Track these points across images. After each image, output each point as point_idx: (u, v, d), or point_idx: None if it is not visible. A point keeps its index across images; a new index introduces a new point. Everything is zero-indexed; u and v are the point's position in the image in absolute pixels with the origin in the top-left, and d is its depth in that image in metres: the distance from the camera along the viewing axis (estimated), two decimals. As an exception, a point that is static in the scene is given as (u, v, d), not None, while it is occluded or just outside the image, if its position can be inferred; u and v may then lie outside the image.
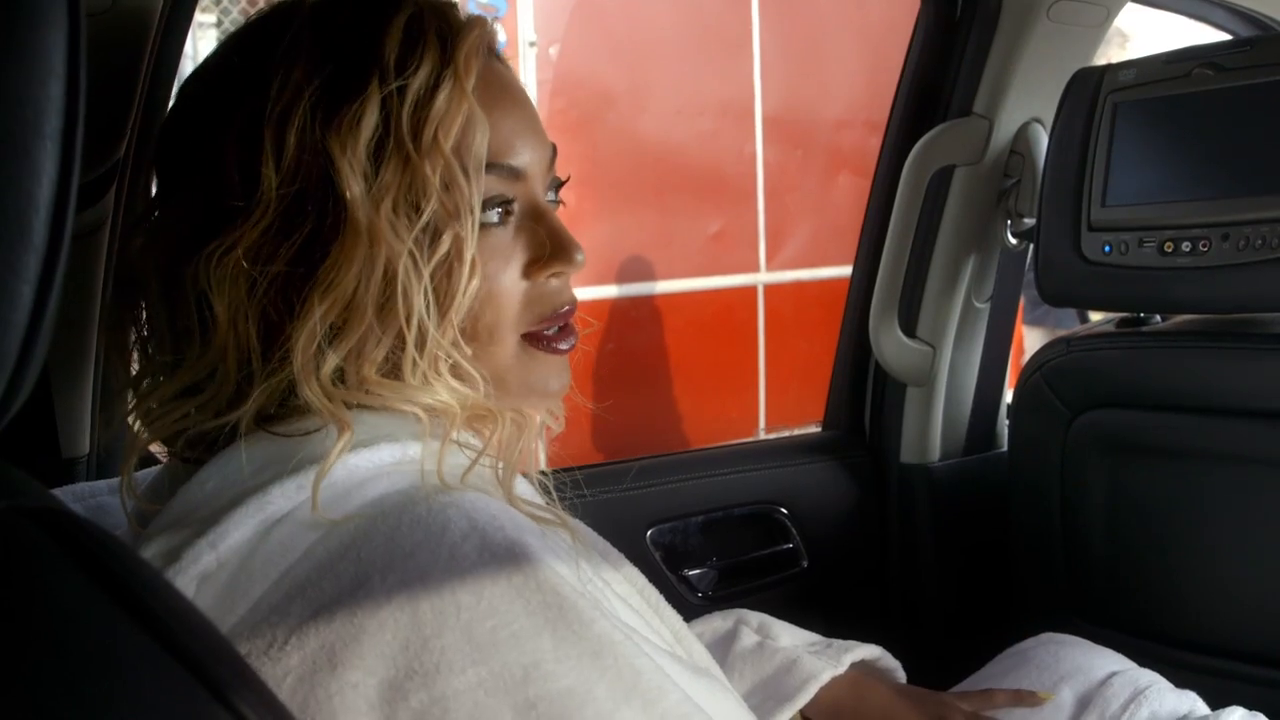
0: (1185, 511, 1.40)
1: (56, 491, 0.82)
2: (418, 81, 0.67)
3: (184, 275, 0.67)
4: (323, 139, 0.66)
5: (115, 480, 0.80)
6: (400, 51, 0.68)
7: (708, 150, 4.54)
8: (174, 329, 0.70)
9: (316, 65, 0.68)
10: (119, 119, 1.03)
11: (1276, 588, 1.34)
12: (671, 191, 4.42)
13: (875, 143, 1.74)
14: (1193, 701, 1.10)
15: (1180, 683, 1.13)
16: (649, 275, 4.42)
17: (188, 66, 0.83)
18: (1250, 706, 1.11)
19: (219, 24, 3.89)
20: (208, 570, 0.62)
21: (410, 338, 0.66)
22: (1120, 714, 1.06)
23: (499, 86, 0.74)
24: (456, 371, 0.69)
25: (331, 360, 0.66)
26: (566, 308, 0.76)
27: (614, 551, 0.86)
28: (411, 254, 0.66)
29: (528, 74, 4.09)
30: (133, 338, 0.74)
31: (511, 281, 0.73)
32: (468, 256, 0.68)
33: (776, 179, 4.69)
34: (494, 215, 0.72)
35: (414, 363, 0.67)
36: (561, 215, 0.78)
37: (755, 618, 1.10)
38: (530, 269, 0.74)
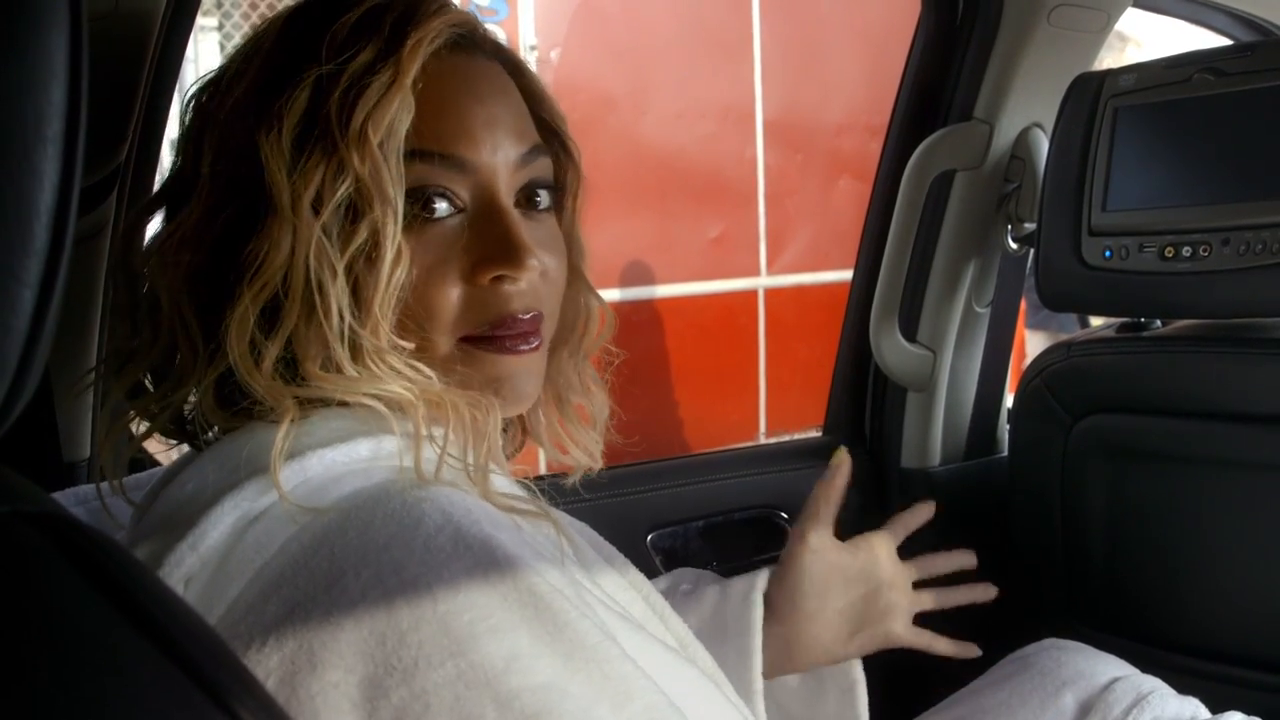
0: (1186, 516, 1.40)
1: (58, 495, 0.82)
2: (354, 67, 0.67)
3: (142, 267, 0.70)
4: (255, 123, 0.66)
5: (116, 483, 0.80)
6: (345, 38, 0.68)
7: (708, 154, 4.54)
8: (134, 318, 0.72)
9: (270, 52, 0.69)
10: (121, 123, 1.03)
11: (1277, 592, 1.33)
12: (672, 195, 4.42)
13: (876, 147, 1.74)
14: (1195, 707, 1.10)
15: (1182, 688, 1.12)
16: (650, 279, 4.42)
17: (189, 70, 0.84)
18: (1252, 712, 1.11)
19: (220, 27, 3.89)
20: (191, 572, 0.62)
21: (332, 331, 0.65)
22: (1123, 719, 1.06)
23: (463, 78, 0.73)
24: (402, 364, 0.68)
25: (271, 351, 0.65)
26: (521, 315, 0.72)
27: (620, 556, 0.85)
28: (322, 242, 0.65)
29: (528, 78, 4.09)
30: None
31: (448, 280, 0.71)
32: (388, 246, 0.66)
33: (777, 183, 4.70)
34: (432, 206, 0.70)
35: (345, 356, 0.66)
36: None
37: (691, 574, 1.11)
38: (474, 271, 0.71)
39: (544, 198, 0.77)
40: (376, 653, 0.56)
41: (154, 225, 0.74)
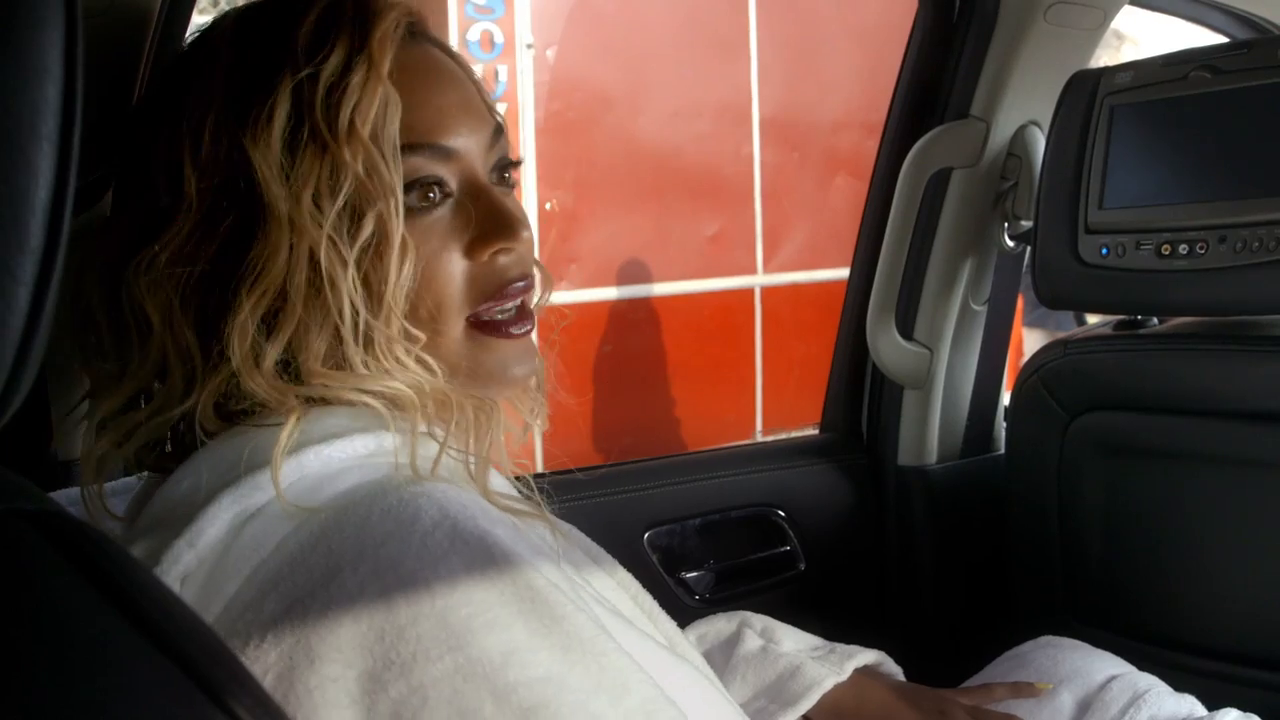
0: (1182, 514, 1.40)
1: (54, 494, 0.81)
2: (329, 67, 0.67)
3: (119, 285, 0.68)
4: (237, 134, 0.66)
5: (113, 484, 0.80)
6: (312, 40, 0.68)
7: (705, 152, 4.54)
8: (116, 338, 0.71)
9: (232, 64, 0.69)
10: (116, 120, 1.02)
11: (1273, 590, 1.34)
12: (669, 194, 4.42)
13: (872, 145, 1.74)
14: (1192, 705, 1.10)
15: (1178, 685, 1.13)
16: (646, 277, 4.43)
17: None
18: (1248, 709, 1.11)
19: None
20: (188, 570, 0.62)
21: (345, 326, 0.66)
22: (1120, 718, 1.06)
23: (427, 67, 0.74)
24: (411, 359, 0.69)
25: (271, 353, 0.66)
26: (518, 284, 0.75)
27: (608, 557, 0.86)
28: (332, 240, 0.66)
29: (524, 76, 4.09)
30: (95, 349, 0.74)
31: (452, 262, 0.72)
32: (395, 239, 0.68)
33: (774, 181, 4.70)
34: (429, 196, 0.72)
35: (356, 352, 0.67)
36: (560, 216, 0.78)
37: (759, 620, 1.10)
38: (472, 249, 0.73)
39: (510, 174, 0.79)
40: (375, 647, 0.57)
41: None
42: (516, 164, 0.80)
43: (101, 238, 0.72)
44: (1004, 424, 1.74)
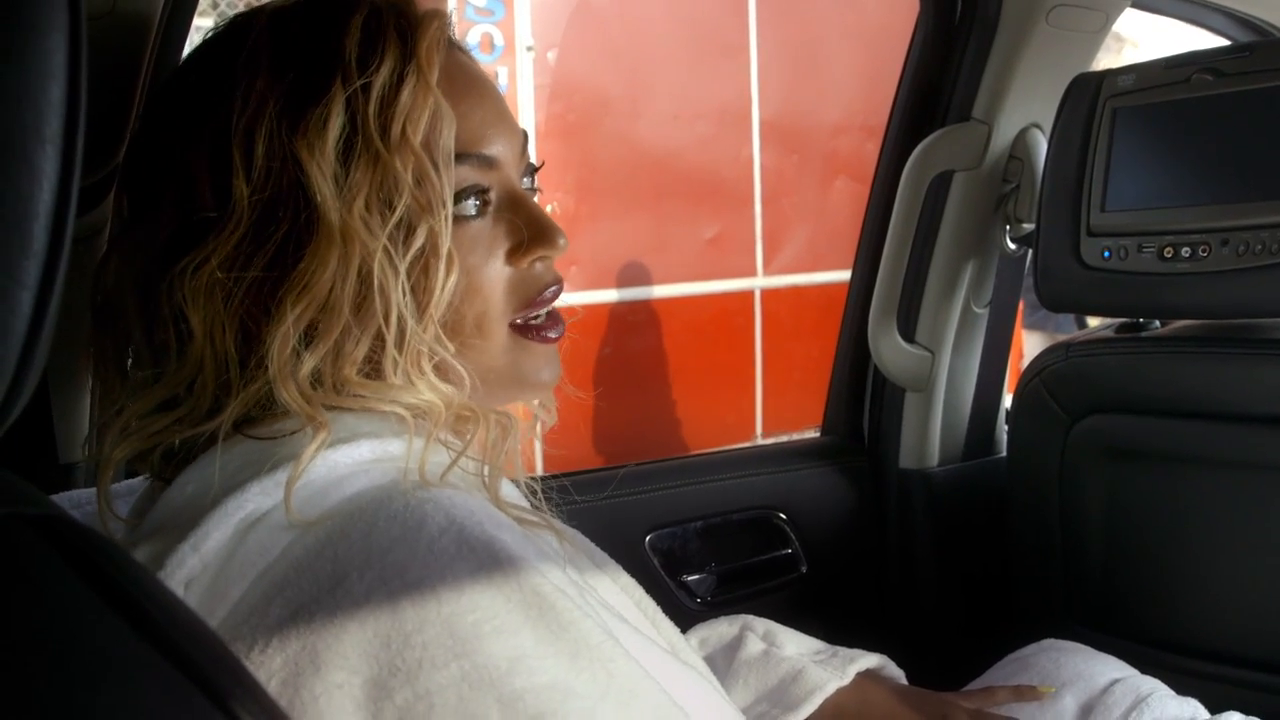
0: (1185, 517, 1.40)
1: (55, 498, 0.81)
2: (381, 78, 0.67)
3: (159, 291, 0.67)
4: (290, 144, 0.66)
5: (116, 485, 0.80)
6: (361, 50, 0.68)
7: (705, 155, 4.54)
8: (151, 344, 0.70)
9: (278, 71, 0.68)
10: (118, 123, 1.02)
11: (1276, 592, 1.33)
12: (669, 196, 4.42)
13: (873, 147, 1.74)
14: (1194, 709, 1.10)
15: (1181, 689, 1.12)
16: (646, 280, 4.42)
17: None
18: (1250, 712, 1.11)
19: (217, 28, 3.89)
20: (192, 574, 0.62)
21: (390, 335, 0.66)
22: (1123, 720, 1.06)
23: (464, 77, 0.74)
24: (441, 370, 0.69)
25: (309, 362, 0.65)
26: (553, 288, 0.76)
27: (611, 562, 0.85)
28: (386, 250, 0.66)
29: (525, 78, 4.10)
30: (115, 354, 0.73)
31: (496, 271, 0.73)
32: (443, 250, 0.68)
33: (774, 184, 4.70)
34: (471, 206, 0.72)
35: (395, 361, 0.67)
36: (561, 218, 0.78)
37: (761, 624, 1.09)
38: (513, 256, 0.74)
39: (535, 179, 0.79)
40: (380, 654, 0.56)
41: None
42: (538, 168, 0.80)
43: (131, 241, 0.72)
44: (1005, 427, 1.74)
